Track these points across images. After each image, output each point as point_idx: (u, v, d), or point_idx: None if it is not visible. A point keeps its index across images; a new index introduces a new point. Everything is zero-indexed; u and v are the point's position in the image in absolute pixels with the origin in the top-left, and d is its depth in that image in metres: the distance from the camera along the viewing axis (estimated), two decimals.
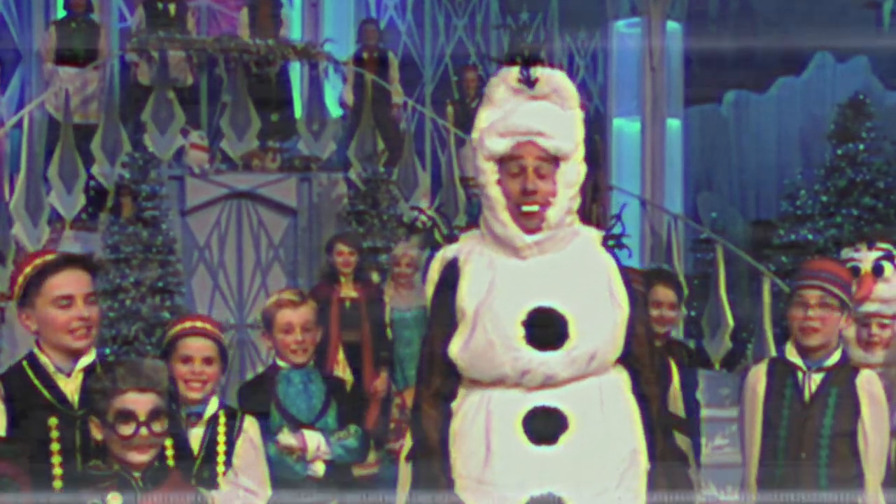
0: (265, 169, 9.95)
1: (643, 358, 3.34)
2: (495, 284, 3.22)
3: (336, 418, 4.32)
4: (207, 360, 3.92)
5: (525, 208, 3.19)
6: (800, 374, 3.93)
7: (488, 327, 3.19)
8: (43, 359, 3.38)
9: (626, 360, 3.31)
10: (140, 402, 3.18)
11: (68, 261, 3.42)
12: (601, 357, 3.24)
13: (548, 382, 3.20)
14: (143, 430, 3.16)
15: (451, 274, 3.31)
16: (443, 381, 3.30)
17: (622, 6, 12.09)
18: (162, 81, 9.84)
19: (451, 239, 3.56)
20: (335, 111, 11.07)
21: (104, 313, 8.71)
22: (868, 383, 3.91)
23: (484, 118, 3.28)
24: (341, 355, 8.12)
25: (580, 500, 3.15)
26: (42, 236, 8.99)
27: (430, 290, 3.41)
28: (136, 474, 3.21)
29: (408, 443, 3.36)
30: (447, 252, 3.39)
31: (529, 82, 3.24)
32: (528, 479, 3.15)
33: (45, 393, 3.34)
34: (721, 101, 14.53)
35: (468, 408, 3.27)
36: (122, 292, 8.77)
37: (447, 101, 11.36)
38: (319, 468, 4.24)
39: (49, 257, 3.44)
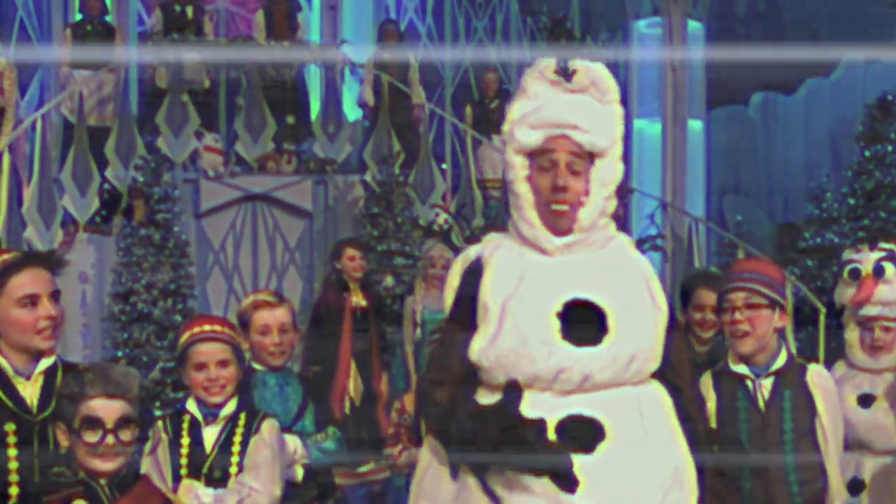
0: (280, 171, 9.90)
1: (683, 373, 3.06)
2: (526, 276, 2.94)
3: (313, 421, 4.22)
4: (222, 364, 3.83)
5: (554, 206, 2.95)
6: (749, 383, 3.75)
7: (519, 321, 2.89)
8: (2, 361, 3.27)
9: (664, 375, 3.02)
10: (108, 408, 3.07)
11: (30, 259, 3.32)
12: (640, 361, 2.95)
13: (584, 385, 2.90)
14: (110, 438, 3.06)
15: (474, 274, 3.01)
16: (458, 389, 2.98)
17: (643, 6, 11.96)
18: (177, 84, 9.81)
19: (473, 240, 3.23)
20: (351, 113, 11.01)
21: (116, 316, 8.72)
22: (818, 377, 3.78)
23: (516, 110, 3.03)
24: (353, 367, 8.03)
25: None
26: (55, 239, 8.99)
27: (449, 295, 3.08)
28: (103, 482, 3.10)
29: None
30: (469, 252, 3.10)
31: (567, 74, 3.01)
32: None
33: (3, 397, 3.24)
34: (748, 103, 14.34)
35: None
36: (134, 295, 8.75)
37: (466, 103, 11.26)
38: (298, 472, 4.14)
39: (8, 256, 3.32)
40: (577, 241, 2.98)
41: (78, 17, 10.56)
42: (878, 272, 4.28)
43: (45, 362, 3.30)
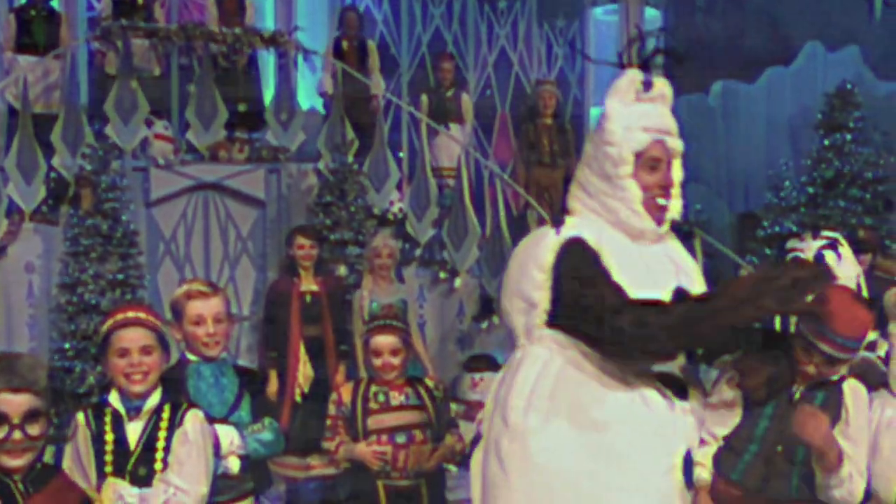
0: (232, 160, 9.73)
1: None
2: (639, 268, 3.37)
3: (250, 411, 4.11)
4: (145, 350, 3.73)
5: (660, 201, 3.42)
6: None
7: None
8: None
9: None
10: (13, 402, 2.99)
11: None
12: None
13: None
14: (17, 434, 2.98)
15: (580, 252, 3.33)
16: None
17: None
18: (126, 71, 9.60)
19: (558, 222, 3.47)
20: (305, 101, 10.85)
21: (64, 307, 8.53)
22: (854, 389, 3.71)
23: (617, 114, 3.45)
24: (303, 351, 7.94)
25: None
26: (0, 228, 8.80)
27: (539, 276, 3.36)
28: (17, 478, 3.02)
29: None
30: (566, 233, 3.39)
31: (649, 85, 3.49)
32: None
33: None
34: (709, 91, 14.27)
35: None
36: (81, 286, 8.59)
37: (422, 91, 11.12)
38: (234, 464, 4.02)
39: None
40: (666, 229, 3.50)
41: (22, 1, 10.30)
42: (818, 261, 4.16)
43: None
